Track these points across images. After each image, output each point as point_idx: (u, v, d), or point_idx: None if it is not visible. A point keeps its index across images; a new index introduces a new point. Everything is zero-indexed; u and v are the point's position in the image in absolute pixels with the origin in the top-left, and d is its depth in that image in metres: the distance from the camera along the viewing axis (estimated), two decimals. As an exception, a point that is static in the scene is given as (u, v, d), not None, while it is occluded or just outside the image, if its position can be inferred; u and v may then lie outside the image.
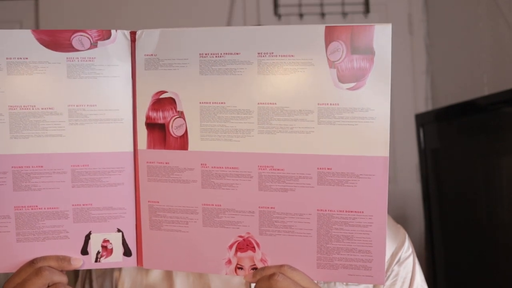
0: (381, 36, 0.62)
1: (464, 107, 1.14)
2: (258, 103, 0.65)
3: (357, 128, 0.63)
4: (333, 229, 0.65)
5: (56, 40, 0.67)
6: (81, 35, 0.67)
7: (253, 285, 0.73)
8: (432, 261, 1.48)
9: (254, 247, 0.67)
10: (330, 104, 0.64)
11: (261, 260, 0.67)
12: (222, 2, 2.03)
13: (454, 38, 1.70)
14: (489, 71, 1.41)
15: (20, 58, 0.67)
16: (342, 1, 1.93)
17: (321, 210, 0.65)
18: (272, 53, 0.64)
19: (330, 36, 0.63)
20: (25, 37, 0.67)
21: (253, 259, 0.68)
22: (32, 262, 0.68)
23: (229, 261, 0.68)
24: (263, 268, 0.67)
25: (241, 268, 0.68)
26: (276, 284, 0.63)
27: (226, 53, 0.65)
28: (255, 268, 0.68)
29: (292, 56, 0.64)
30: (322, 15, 1.94)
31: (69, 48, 0.67)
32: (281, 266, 0.66)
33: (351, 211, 0.65)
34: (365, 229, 0.65)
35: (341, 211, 0.65)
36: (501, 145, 0.99)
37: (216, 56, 0.65)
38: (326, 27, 0.63)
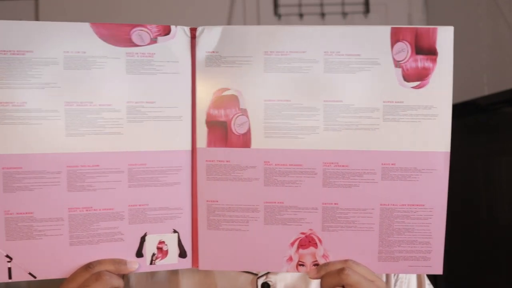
0: (444, 37, 0.65)
1: (464, 107, 1.20)
2: (324, 101, 0.66)
3: (420, 125, 0.66)
4: (395, 223, 0.67)
5: (116, 34, 0.65)
6: (141, 30, 0.65)
7: (260, 283, 0.74)
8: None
9: (316, 243, 0.68)
10: (395, 102, 0.66)
11: (323, 256, 0.68)
12: (222, 2, 2.03)
13: (454, 38, 1.76)
14: (489, 71, 1.46)
15: (78, 52, 0.64)
16: (342, 1, 1.96)
17: (384, 204, 0.67)
18: (339, 52, 0.65)
19: (395, 36, 0.65)
20: (84, 30, 0.64)
21: (315, 255, 0.68)
22: (88, 266, 0.65)
23: (290, 258, 0.69)
24: (327, 264, 0.67)
25: (303, 265, 0.69)
26: (347, 278, 0.64)
27: (292, 51, 0.66)
28: (316, 264, 0.68)
29: (358, 55, 0.65)
30: (322, 15, 1.96)
31: (129, 43, 0.65)
32: (346, 261, 0.67)
33: (413, 205, 0.67)
34: (425, 222, 0.67)
35: (403, 204, 0.67)
36: (501, 145, 1.05)
37: (281, 54, 0.66)
38: (392, 28, 0.65)
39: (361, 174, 0.67)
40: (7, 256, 0.65)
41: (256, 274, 0.74)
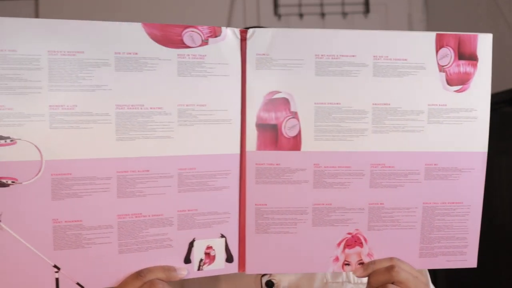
0: (483, 44, 0.68)
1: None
2: (373, 104, 0.67)
3: (462, 127, 0.69)
4: (435, 220, 0.70)
5: (168, 35, 0.63)
6: (192, 31, 0.64)
7: (264, 281, 0.76)
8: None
9: (362, 242, 0.70)
10: (439, 105, 0.68)
11: (368, 254, 0.70)
12: (222, 2, 2.01)
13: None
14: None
15: (130, 53, 0.62)
16: (342, 1, 1.97)
17: (427, 203, 0.70)
18: (387, 56, 0.67)
19: (440, 42, 0.67)
20: (136, 30, 0.62)
21: (360, 254, 0.70)
22: (139, 274, 0.64)
23: (337, 258, 0.70)
24: (373, 262, 0.69)
25: (348, 264, 0.70)
26: (397, 275, 0.66)
27: (342, 55, 0.67)
28: (361, 263, 0.70)
29: (405, 59, 0.67)
30: (322, 15, 1.97)
31: (180, 44, 0.64)
32: (391, 258, 0.69)
33: (453, 203, 0.70)
34: (463, 218, 0.71)
35: (443, 203, 0.70)
36: (501, 145, 1.10)
37: (332, 58, 0.66)
38: (437, 34, 0.68)
39: (406, 175, 0.69)
40: (55, 266, 0.62)
41: None
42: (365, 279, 0.72)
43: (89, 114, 0.61)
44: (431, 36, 0.68)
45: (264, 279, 0.76)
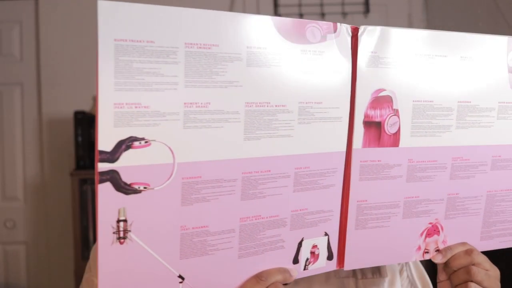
0: None
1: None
2: (458, 102, 0.72)
3: None
4: (494, 206, 0.78)
5: (294, 30, 0.60)
6: (314, 26, 0.62)
7: None
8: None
9: (439, 231, 0.75)
10: (506, 102, 0.75)
11: (443, 241, 0.75)
12: (222, 2, 1.89)
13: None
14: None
15: (259, 48, 0.58)
16: (342, 1, 1.94)
17: (490, 191, 0.77)
18: (471, 57, 0.71)
19: (510, 45, 0.74)
20: (265, 24, 0.58)
21: (437, 242, 0.75)
22: (260, 279, 0.62)
23: (419, 248, 0.74)
24: (450, 248, 0.74)
25: (427, 252, 0.75)
26: (477, 257, 0.72)
27: (437, 55, 0.69)
28: (437, 250, 0.75)
29: (483, 61, 0.72)
30: (322, 15, 1.92)
31: (303, 39, 0.61)
32: (464, 243, 0.75)
33: (509, 189, 0.78)
34: None
35: (502, 190, 0.78)
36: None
37: (429, 58, 0.69)
38: (509, 37, 0.74)
39: (477, 166, 0.75)
40: (179, 276, 0.57)
41: None
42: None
43: (221, 113, 0.56)
44: (503, 40, 0.73)
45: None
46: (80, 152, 2.43)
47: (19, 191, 2.69)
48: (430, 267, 0.89)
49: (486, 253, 0.76)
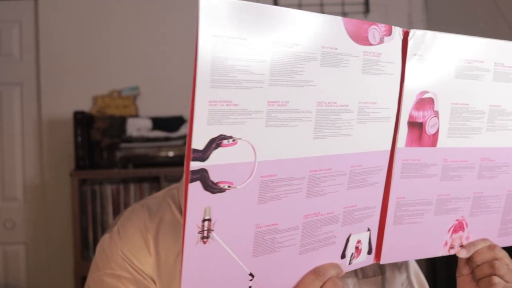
0: None
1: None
2: (490, 105, 0.76)
3: None
4: None
5: (359, 32, 0.62)
6: (375, 29, 0.64)
7: None
8: (432, 261, 1.52)
9: (464, 227, 0.79)
10: None
11: (466, 237, 0.80)
12: None
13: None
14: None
15: (332, 48, 0.59)
16: (342, 1, 1.90)
17: (510, 191, 0.82)
18: (503, 64, 0.76)
19: None
20: (336, 25, 0.59)
21: (461, 238, 0.79)
22: (318, 274, 0.63)
23: (446, 243, 0.78)
24: (473, 243, 0.79)
25: (452, 248, 0.79)
26: (499, 253, 0.77)
27: (474, 60, 0.73)
28: (461, 246, 0.79)
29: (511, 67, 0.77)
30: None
31: (365, 41, 0.63)
32: (486, 239, 0.80)
33: None
34: None
35: None
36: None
37: (467, 63, 0.72)
38: (535, 46, 0.79)
39: (500, 167, 0.80)
40: (250, 274, 0.57)
41: None
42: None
43: (297, 111, 0.57)
44: None
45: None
46: (79, 152, 2.38)
47: (18, 191, 2.62)
48: (429, 266, 0.93)
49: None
